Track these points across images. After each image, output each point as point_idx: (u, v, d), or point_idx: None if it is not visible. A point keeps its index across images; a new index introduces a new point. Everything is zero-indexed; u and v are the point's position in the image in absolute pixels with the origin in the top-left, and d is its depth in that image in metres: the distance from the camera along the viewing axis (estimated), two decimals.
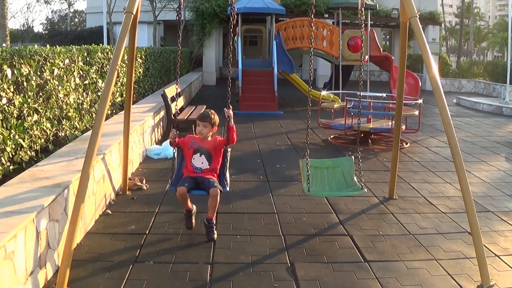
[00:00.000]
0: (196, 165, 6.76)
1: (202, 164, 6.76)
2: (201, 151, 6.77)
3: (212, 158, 6.79)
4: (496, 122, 18.36)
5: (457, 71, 34.94)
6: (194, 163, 6.77)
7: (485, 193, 8.93)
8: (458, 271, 5.74)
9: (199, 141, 6.82)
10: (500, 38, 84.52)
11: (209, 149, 6.78)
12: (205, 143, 6.80)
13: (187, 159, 6.86)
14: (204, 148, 6.78)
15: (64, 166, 6.74)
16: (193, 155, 6.78)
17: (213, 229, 6.56)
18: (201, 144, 6.79)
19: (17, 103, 6.82)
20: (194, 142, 6.84)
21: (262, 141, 13.39)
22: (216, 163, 6.85)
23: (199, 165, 6.76)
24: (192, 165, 6.78)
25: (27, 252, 4.76)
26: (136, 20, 7.00)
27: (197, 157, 6.77)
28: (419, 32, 6.37)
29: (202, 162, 6.76)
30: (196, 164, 6.76)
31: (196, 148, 6.79)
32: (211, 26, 31.22)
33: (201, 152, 6.77)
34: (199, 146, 6.79)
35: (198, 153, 6.77)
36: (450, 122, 5.75)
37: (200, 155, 6.76)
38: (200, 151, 6.77)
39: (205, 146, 6.79)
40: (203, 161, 6.76)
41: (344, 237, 6.74)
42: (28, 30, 63.44)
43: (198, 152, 6.77)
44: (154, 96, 15.92)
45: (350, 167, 7.56)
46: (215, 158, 6.82)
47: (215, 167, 6.84)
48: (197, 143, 6.82)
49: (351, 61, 21.41)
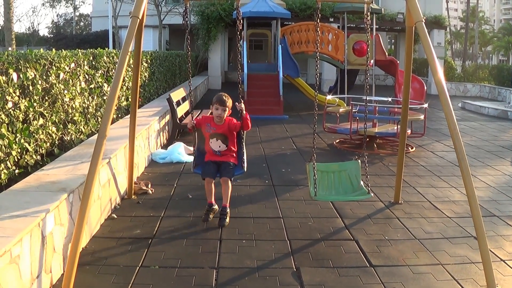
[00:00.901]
0: (215, 148, 7.32)
1: (220, 147, 7.32)
2: (216, 136, 7.28)
3: (228, 140, 7.33)
4: (501, 126, 18.32)
5: (462, 75, 34.86)
6: (212, 147, 7.33)
7: (490, 197, 8.91)
8: (464, 276, 5.73)
9: (214, 125, 7.30)
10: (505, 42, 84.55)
11: (224, 133, 7.27)
12: (220, 127, 7.26)
13: (206, 140, 7.42)
14: (219, 134, 7.27)
15: (69, 170, 6.75)
16: (210, 139, 7.31)
17: (225, 217, 7.17)
18: (216, 129, 7.27)
19: (23, 107, 6.83)
20: (210, 126, 7.32)
21: (268, 145, 13.39)
22: (232, 143, 7.41)
23: (217, 148, 7.32)
24: (211, 147, 7.34)
25: (33, 256, 4.76)
26: (142, 24, 7.01)
27: (214, 141, 7.30)
28: (425, 36, 6.35)
29: (219, 145, 7.31)
30: (214, 148, 7.32)
31: (211, 133, 7.29)
32: (216, 30, 31.27)
33: (216, 137, 7.28)
34: (215, 131, 7.27)
35: (214, 138, 7.29)
36: (456, 127, 5.74)
37: (216, 140, 7.29)
38: (216, 136, 7.28)
39: (219, 131, 7.26)
40: (220, 145, 7.31)
41: (349, 242, 6.72)
42: (33, 34, 63.55)
43: (214, 137, 7.29)
44: (159, 100, 15.93)
45: (357, 171, 7.55)
46: (230, 140, 7.36)
47: (232, 147, 7.41)
48: (212, 127, 7.30)
49: (357, 65, 21.39)
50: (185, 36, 6.80)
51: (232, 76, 38.19)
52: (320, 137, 14.17)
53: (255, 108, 18.45)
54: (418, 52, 35.14)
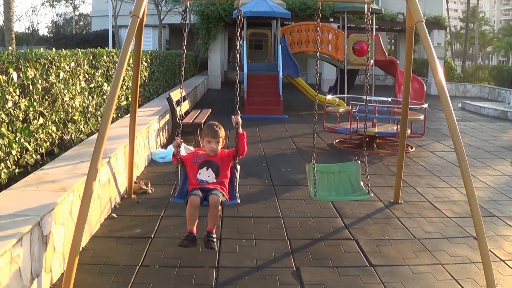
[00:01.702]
0: (202, 178, 6.22)
1: (209, 177, 6.22)
2: (207, 164, 6.25)
3: (219, 172, 6.25)
4: (501, 126, 18.33)
5: (462, 75, 34.91)
6: (199, 177, 6.23)
7: (490, 197, 8.92)
8: (464, 276, 5.73)
9: (203, 154, 6.35)
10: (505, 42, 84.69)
11: (217, 162, 6.27)
12: (211, 156, 6.29)
13: (191, 175, 6.31)
14: (211, 161, 6.26)
15: (69, 169, 6.75)
16: (199, 169, 6.25)
17: (213, 240, 5.96)
18: (207, 157, 6.28)
19: (23, 106, 6.83)
20: (199, 156, 6.34)
21: (267, 145, 13.39)
22: (224, 176, 6.31)
23: (205, 178, 6.21)
24: (197, 179, 6.23)
25: (33, 256, 4.76)
26: (142, 23, 7.01)
27: (203, 171, 6.24)
28: (425, 36, 6.36)
29: (209, 175, 6.22)
30: (202, 178, 6.22)
31: (201, 162, 6.26)
32: (216, 30, 31.26)
33: (207, 165, 6.25)
34: (205, 160, 6.27)
35: (205, 167, 6.25)
36: (456, 127, 5.74)
37: (207, 169, 6.24)
38: (207, 164, 6.25)
39: (211, 159, 6.27)
40: (209, 175, 6.22)
41: (349, 242, 6.73)
42: (33, 33, 63.54)
43: (204, 166, 6.25)
44: (159, 99, 15.95)
45: (356, 171, 7.55)
46: (222, 172, 6.28)
47: (222, 181, 6.28)
48: (202, 157, 6.31)
49: (357, 65, 21.39)
50: (183, 36, 6.74)
51: (231, 75, 38.17)
52: (320, 137, 14.17)
53: (255, 108, 18.49)
54: (418, 52, 35.17)
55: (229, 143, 6.69)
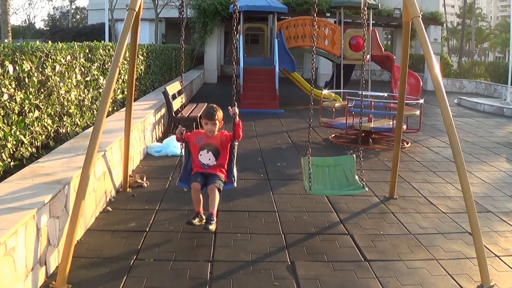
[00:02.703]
0: (203, 161, 6.78)
1: (209, 160, 6.77)
2: (208, 147, 6.78)
3: (219, 154, 6.81)
4: (497, 122, 18.35)
5: (458, 71, 34.94)
6: (201, 160, 6.79)
7: (485, 193, 8.93)
8: (458, 271, 5.74)
9: (205, 136, 6.85)
10: (501, 39, 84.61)
11: (216, 145, 6.80)
12: (212, 139, 6.82)
13: (194, 155, 6.90)
14: (211, 144, 6.80)
15: (65, 162, 6.74)
16: (200, 151, 6.80)
17: (211, 221, 6.28)
18: (207, 140, 6.82)
19: (19, 99, 6.82)
20: (201, 138, 6.87)
21: (263, 139, 13.39)
22: (223, 158, 6.87)
23: (206, 162, 6.78)
24: (199, 161, 6.80)
25: (28, 249, 4.75)
26: (139, 17, 6.99)
27: (204, 154, 6.79)
28: (421, 32, 6.36)
29: (209, 158, 6.77)
30: (203, 161, 6.78)
31: (202, 145, 6.80)
32: (212, 24, 31.20)
33: (208, 148, 6.78)
34: (206, 142, 6.81)
35: (205, 150, 6.79)
36: (452, 123, 5.75)
37: (207, 152, 6.78)
38: (207, 147, 6.79)
39: (211, 142, 6.81)
40: (210, 158, 6.77)
41: (344, 236, 6.73)
42: (29, 27, 63.41)
43: (205, 148, 6.79)
44: (155, 93, 15.91)
45: (351, 165, 7.55)
46: (222, 154, 6.84)
47: (222, 163, 6.87)
48: (203, 139, 6.84)
49: (353, 60, 21.42)
50: (180, 31, 6.72)
51: (228, 70, 38.15)
52: (315, 131, 14.17)
53: (251, 102, 18.47)
54: (415, 48, 35.13)
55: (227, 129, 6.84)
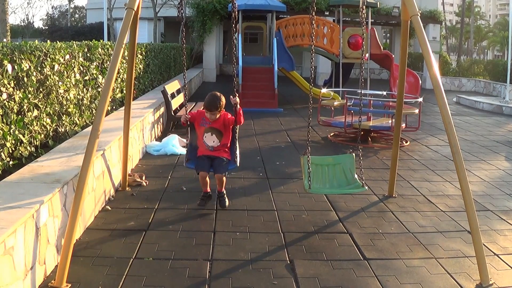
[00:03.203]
0: (208, 143, 7.34)
1: (213, 142, 7.34)
2: (211, 130, 7.31)
3: (222, 136, 7.37)
4: (496, 121, 18.36)
5: (457, 69, 34.92)
6: (205, 141, 7.36)
7: (484, 192, 8.93)
8: (457, 270, 5.74)
9: (209, 119, 7.31)
10: (500, 37, 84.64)
11: (219, 128, 7.33)
12: (215, 122, 7.30)
13: (199, 135, 7.45)
14: (214, 129, 7.31)
15: (64, 161, 6.74)
16: (205, 133, 7.34)
17: (224, 199, 7.52)
18: (211, 124, 7.31)
19: (17, 98, 6.81)
20: (204, 120, 7.35)
21: (262, 138, 13.39)
22: (226, 139, 7.44)
23: (210, 144, 7.34)
24: (204, 142, 7.36)
25: (27, 248, 4.75)
26: (137, 16, 6.98)
27: (208, 136, 7.33)
28: (420, 30, 6.36)
29: (213, 140, 7.33)
30: (208, 143, 7.34)
31: (206, 128, 7.31)
32: (211, 23, 31.16)
33: (211, 131, 7.31)
34: (210, 126, 7.31)
35: (209, 133, 7.32)
36: (451, 121, 5.75)
37: (211, 134, 7.31)
38: (211, 130, 7.31)
39: (214, 126, 7.31)
40: (213, 140, 7.33)
41: (343, 235, 6.73)
42: (28, 26, 63.34)
43: (209, 131, 7.31)
44: (154, 92, 15.91)
45: (351, 164, 7.55)
46: (225, 135, 7.39)
47: (225, 143, 7.44)
48: (207, 122, 7.32)
49: (352, 59, 21.40)
50: (180, 28, 6.72)
51: (227, 69, 38.19)
52: (314, 130, 14.18)
53: (250, 101, 18.46)
54: (413, 47, 35.14)
55: None
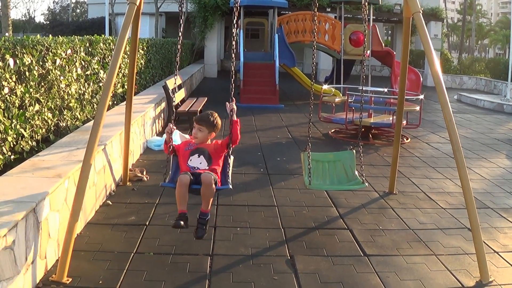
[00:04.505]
0: (193, 165, 5.91)
1: (200, 164, 5.92)
2: (198, 152, 5.97)
3: (212, 160, 5.97)
4: (497, 119, 18.35)
5: (458, 67, 34.91)
6: (190, 164, 5.92)
7: (485, 189, 8.94)
8: (458, 267, 5.75)
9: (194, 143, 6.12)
10: (502, 35, 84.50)
11: (208, 149, 6.01)
12: (203, 144, 6.07)
13: (181, 163, 6.03)
14: (202, 149, 6.00)
15: (65, 156, 6.75)
16: (190, 156, 5.97)
17: (204, 226, 5.73)
18: (198, 145, 6.05)
19: (19, 92, 6.82)
20: (191, 144, 6.09)
21: (263, 134, 13.39)
22: (216, 164, 6.01)
23: (196, 165, 5.90)
24: (188, 165, 5.91)
25: (28, 242, 4.76)
26: (139, 11, 6.98)
27: (194, 158, 5.94)
28: (422, 28, 6.35)
29: (201, 162, 5.92)
30: (194, 164, 5.92)
31: (193, 149, 6.01)
32: (213, 19, 31.14)
33: (199, 152, 5.97)
34: (197, 147, 6.01)
35: (196, 154, 5.97)
36: (452, 119, 5.76)
37: (198, 156, 5.95)
38: (198, 152, 5.97)
39: (203, 146, 6.03)
40: (201, 161, 5.93)
41: (344, 231, 6.74)
42: (29, 21, 63.31)
43: (196, 153, 5.98)
44: (155, 87, 15.91)
45: (351, 161, 7.55)
46: (214, 160, 5.99)
47: (214, 168, 5.94)
48: (194, 145, 6.07)
49: (353, 55, 21.40)
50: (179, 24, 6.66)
51: (228, 64, 38.09)
52: (315, 126, 14.17)
53: (251, 96, 18.49)
54: (415, 44, 35.11)
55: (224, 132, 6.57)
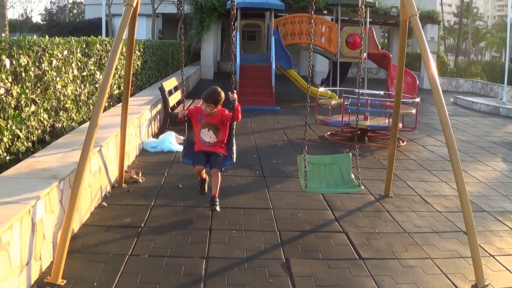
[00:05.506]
0: (205, 139, 7.30)
1: (210, 138, 7.30)
2: (208, 126, 7.29)
3: (219, 132, 7.32)
4: (493, 122, 18.37)
5: (454, 70, 34.98)
6: (202, 137, 7.30)
7: (481, 193, 8.94)
8: (453, 270, 5.75)
9: (206, 115, 7.28)
10: (498, 38, 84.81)
11: (216, 124, 7.29)
12: (212, 118, 7.28)
13: (196, 131, 7.38)
14: (211, 124, 7.28)
15: (60, 157, 6.73)
16: (202, 129, 7.31)
17: (216, 204, 7.06)
18: (208, 119, 7.28)
19: (15, 93, 6.80)
20: (202, 116, 7.32)
21: (259, 136, 13.39)
22: (223, 135, 7.37)
23: (207, 139, 7.29)
24: (201, 138, 7.31)
25: (23, 243, 4.75)
26: (136, 12, 6.97)
27: (205, 132, 7.30)
28: (419, 31, 6.36)
29: (210, 136, 7.30)
30: (205, 138, 7.30)
31: (204, 124, 7.30)
32: (209, 20, 31.12)
33: (208, 127, 7.29)
34: (207, 122, 7.29)
35: (206, 128, 7.30)
36: (448, 122, 5.76)
37: (208, 130, 7.29)
38: (208, 126, 7.29)
39: (211, 121, 7.28)
40: (211, 136, 7.30)
41: (339, 234, 6.74)
42: (26, 21, 63.24)
43: (206, 127, 7.30)
44: (151, 89, 15.89)
45: (347, 164, 7.54)
46: (222, 131, 7.34)
47: (222, 139, 7.38)
48: (204, 117, 7.30)
49: (349, 58, 21.42)
50: (179, 25, 6.70)
51: (224, 66, 38.19)
52: (311, 129, 14.18)
53: (247, 98, 18.43)
54: (411, 46, 35.17)
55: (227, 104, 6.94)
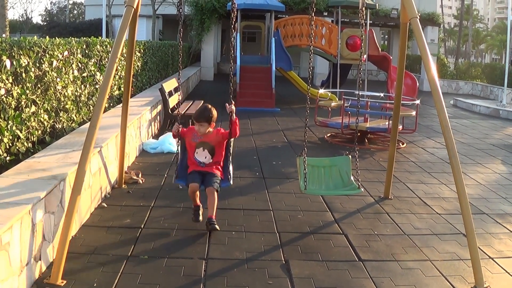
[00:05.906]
0: (199, 159, 6.85)
1: (205, 158, 6.85)
2: (203, 145, 6.85)
3: (214, 152, 6.88)
4: (493, 124, 18.38)
5: (454, 72, 34.98)
6: (197, 157, 6.86)
7: (480, 195, 8.95)
8: (452, 273, 5.76)
9: (200, 135, 6.88)
10: (498, 40, 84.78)
11: (212, 143, 6.86)
12: (207, 137, 6.86)
13: (189, 152, 6.95)
14: (206, 143, 6.85)
15: (60, 158, 6.73)
16: (196, 149, 6.87)
17: (214, 224, 6.52)
18: (203, 138, 6.86)
19: (15, 94, 6.80)
20: (196, 135, 6.90)
21: (259, 137, 13.39)
22: (219, 156, 6.95)
23: (202, 160, 6.85)
24: (196, 159, 6.86)
25: (23, 244, 4.75)
26: (137, 13, 6.98)
27: (200, 151, 6.85)
28: (419, 33, 6.36)
29: (205, 156, 6.85)
30: (199, 159, 6.85)
31: (198, 143, 6.86)
32: (210, 22, 31.13)
33: (203, 146, 6.84)
34: (201, 140, 6.85)
35: (201, 148, 6.84)
36: (448, 124, 5.77)
37: (203, 150, 6.84)
38: (203, 145, 6.85)
39: (207, 140, 6.85)
40: (206, 156, 6.85)
41: (339, 236, 6.74)
42: (26, 21, 63.26)
43: (200, 146, 6.84)
44: (151, 90, 15.90)
45: (347, 166, 7.54)
46: (217, 152, 6.91)
47: (218, 160, 6.94)
48: (198, 137, 6.87)
49: (350, 60, 21.42)
50: (179, 27, 6.69)
51: (224, 67, 38.17)
52: (311, 130, 14.18)
53: (247, 100, 18.47)
54: (411, 48, 35.18)
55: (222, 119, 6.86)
